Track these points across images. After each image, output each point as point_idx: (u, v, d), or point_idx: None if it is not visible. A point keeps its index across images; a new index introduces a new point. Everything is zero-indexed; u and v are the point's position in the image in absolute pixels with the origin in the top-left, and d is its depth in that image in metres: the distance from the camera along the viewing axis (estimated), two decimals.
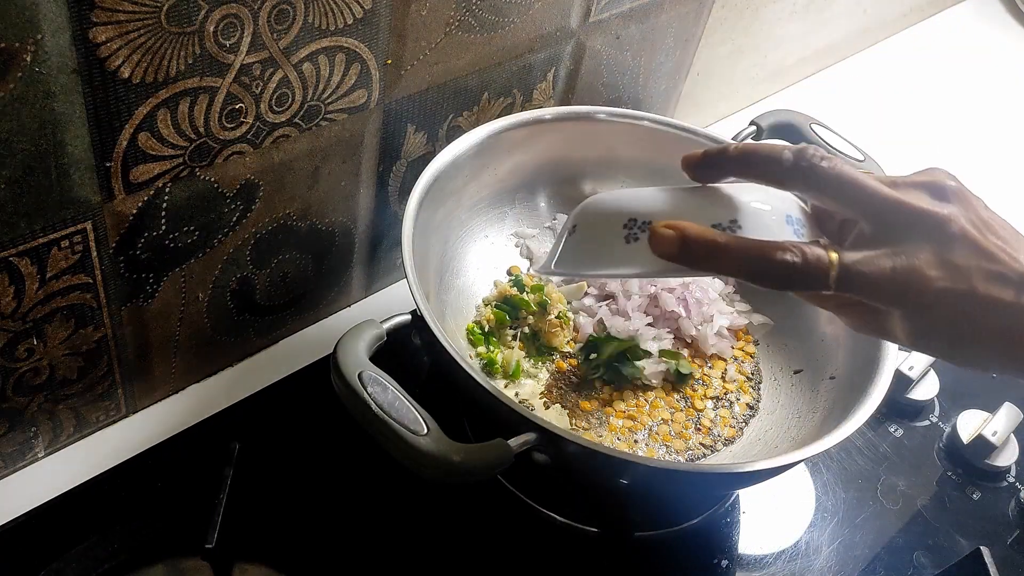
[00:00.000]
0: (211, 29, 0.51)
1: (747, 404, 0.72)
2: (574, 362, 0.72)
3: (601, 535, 0.66)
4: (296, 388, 0.71)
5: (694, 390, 0.71)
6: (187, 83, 0.52)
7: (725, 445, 0.69)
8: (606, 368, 0.69)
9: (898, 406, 0.77)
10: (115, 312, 0.59)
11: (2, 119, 0.46)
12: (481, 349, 0.71)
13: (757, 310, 0.77)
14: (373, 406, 0.50)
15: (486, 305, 0.73)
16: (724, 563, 0.66)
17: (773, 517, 0.70)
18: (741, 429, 0.70)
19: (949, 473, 0.74)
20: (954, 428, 0.75)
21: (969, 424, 0.75)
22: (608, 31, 0.79)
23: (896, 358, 0.63)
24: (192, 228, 0.60)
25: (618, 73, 0.85)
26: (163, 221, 0.58)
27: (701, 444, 0.69)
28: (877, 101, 1.15)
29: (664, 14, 0.84)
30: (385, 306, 0.79)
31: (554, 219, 0.79)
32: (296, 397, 0.70)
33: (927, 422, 0.78)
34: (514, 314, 0.72)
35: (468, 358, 0.70)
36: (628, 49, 0.83)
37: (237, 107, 0.56)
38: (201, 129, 0.55)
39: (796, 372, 0.72)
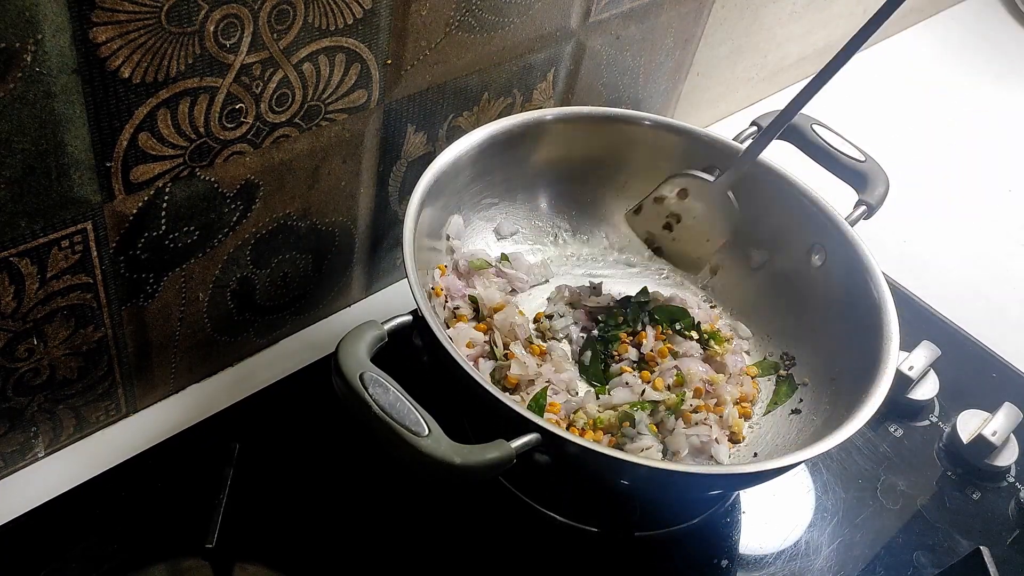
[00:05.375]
0: (211, 29, 0.51)
1: None
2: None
3: (601, 535, 0.66)
4: (296, 388, 0.71)
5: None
6: (187, 83, 0.52)
7: None
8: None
9: (898, 406, 0.77)
10: (115, 312, 0.59)
11: (2, 119, 0.46)
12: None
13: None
14: (374, 407, 0.50)
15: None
16: (724, 563, 0.66)
17: (773, 517, 0.70)
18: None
19: (949, 473, 0.74)
20: (954, 428, 0.75)
21: (969, 424, 0.75)
22: (608, 31, 0.79)
23: (896, 359, 0.63)
24: (192, 228, 0.60)
25: (618, 73, 0.85)
26: (163, 221, 0.57)
27: None
28: (877, 101, 1.15)
29: (664, 14, 0.84)
30: (385, 306, 0.79)
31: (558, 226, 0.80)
32: (296, 397, 0.70)
33: (927, 422, 0.78)
34: None
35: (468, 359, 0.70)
36: (628, 49, 0.83)
37: (237, 107, 0.56)
38: (201, 129, 0.55)
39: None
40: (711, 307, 0.79)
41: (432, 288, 0.69)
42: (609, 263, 0.81)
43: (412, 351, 0.59)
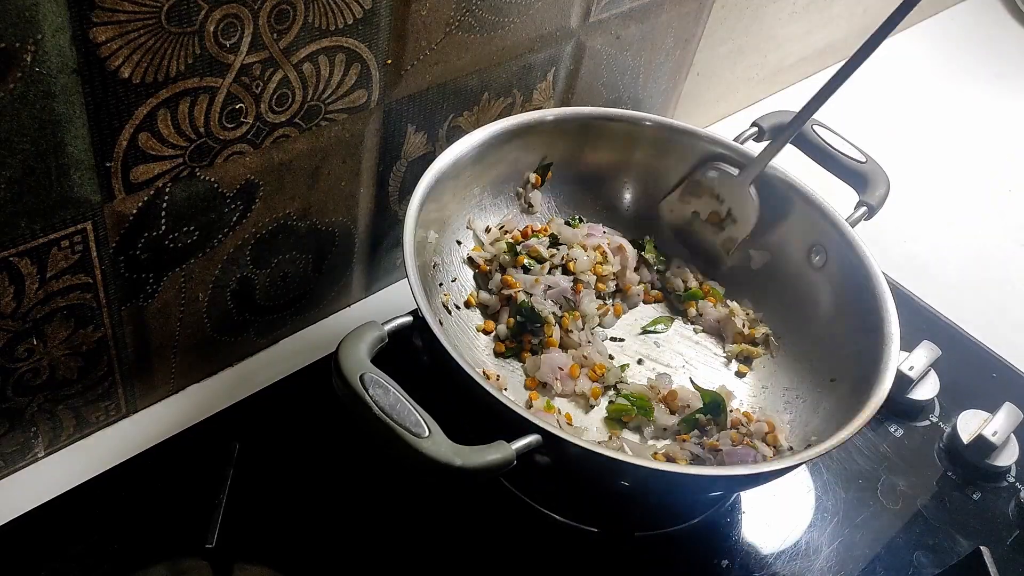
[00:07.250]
0: (211, 29, 0.51)
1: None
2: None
3: (601, 535, 0.66)
4: (296, 388, 0.70)
5: None
6: (187, 83, 0.52)
7: None
8: None
9: (898, 406, 0.77)
10: (115, 312, 0.59)
11: (2, 119, 0.46)
12: None
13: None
14: (375, 408, 0.50)
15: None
16: (724, 563, 0.66)
17: (773, 517, 0.70)
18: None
19: (949, 473, 0.74)
20: (954, 428, 0.75)
21: (969, 424, 0.75)
22: (608, 31, 0.79)
23: (897, 359, 0.62)
24: (192, 228, 0.60)
25: (618, 73, 0.85)
26: (163, 221, 0.57)
27: None
28: (877, 101, 1.15)
29: (664, 14, 0.84)
30: (385, 306, 0.79)
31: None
32: (296, 397, 0.70)
33: (927, 422, 0.78)
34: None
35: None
36: (628, 49, 0.83)
37: (237, 107, 0.56)
38: (201, 129, 0.55)
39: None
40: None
41: None
42: None
43: (412, 351, 0.59)
